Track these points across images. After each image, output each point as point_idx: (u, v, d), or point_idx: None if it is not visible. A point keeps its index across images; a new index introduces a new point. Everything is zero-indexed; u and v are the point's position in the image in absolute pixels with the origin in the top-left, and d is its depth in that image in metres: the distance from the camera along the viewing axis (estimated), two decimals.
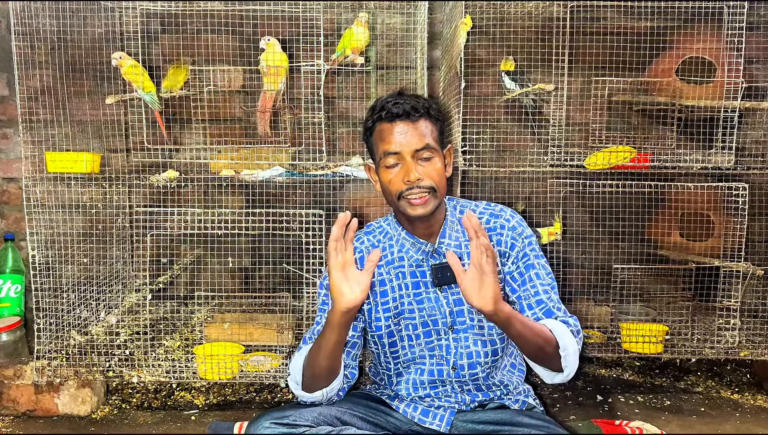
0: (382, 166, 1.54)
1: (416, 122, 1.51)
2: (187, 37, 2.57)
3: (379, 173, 1.56)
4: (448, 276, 1.54)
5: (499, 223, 1.60)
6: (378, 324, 1.61)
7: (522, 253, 1.58)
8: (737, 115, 2.29)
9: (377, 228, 1.68)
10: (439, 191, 1.52)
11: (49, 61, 2.39)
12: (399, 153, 1.50)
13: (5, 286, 2.49)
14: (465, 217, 1.33)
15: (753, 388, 2.46)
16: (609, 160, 2.30)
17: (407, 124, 1.51)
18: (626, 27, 2.64)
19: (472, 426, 1.56)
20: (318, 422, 1.47)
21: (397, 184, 1.51)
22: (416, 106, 1.51)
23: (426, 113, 1.53)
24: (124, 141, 2.64)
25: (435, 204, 1.52)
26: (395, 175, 1.51)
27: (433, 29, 2.63)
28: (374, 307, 1.61)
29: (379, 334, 1.61)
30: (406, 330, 1.60)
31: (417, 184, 1.49)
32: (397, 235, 1.62)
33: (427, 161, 1.51)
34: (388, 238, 1.64)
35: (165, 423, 2.14)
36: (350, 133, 2.77)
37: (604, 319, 2.46)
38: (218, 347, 2.21)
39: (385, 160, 1.52)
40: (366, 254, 1.61)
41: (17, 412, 2.19)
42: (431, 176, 1.50)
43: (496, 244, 1.58)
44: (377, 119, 1.54)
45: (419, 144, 1.50)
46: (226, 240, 2.68)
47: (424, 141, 1.50)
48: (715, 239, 2.55)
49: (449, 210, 1.62)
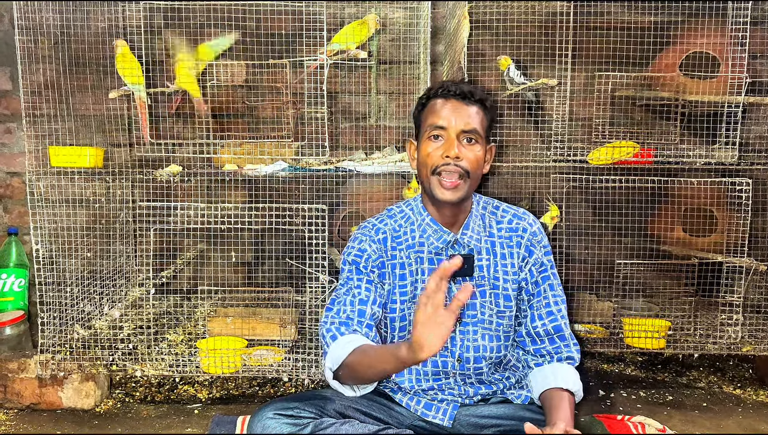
0: (424, 138, 1.55)
1: (469, 105, 1.53)
2: (191, 32, 2.57)
3: (420, 145, 1.57)
4: (465, 269, 1.54)
5: (521, 226, 1.62)
6: (393, 306, 1.61)
7: (539, 263, 1.61)
8: (741, 111, 2.28)
9: (399, 212, 1.68)
10: (472, 179, 1.54)
11: (53, 55, 2.40)
12: (446, 128, 1.52)
13: (9, 280, 2.50)
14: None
15: (755, 383, 2.46)
16: (612, 156, 2.30)
17: (461, 103, 1.53)
18: (629, 22, 2.64)
19: (475, 420, 1.57)
20: (321, 415, 1.47)
21: (435, 157, 1.52)
22: (473, 91, 1.54)
23: (481, 101, 1.55)
24: (127, 135, 2.64)
25: (464, 191, 1.53)
26: (435, 149, 1.53)
27: (435, 24, 2.62)
28: (392, 289, 1.61)
29: (392, 317, 1.62)
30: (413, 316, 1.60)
31: (455, 162, 1.50)
32: (421, 220, 1.62)
33: (470, 144, 1.53)
34: (410, 222, 1.64)
35: (168, 417, 2.15)
36: (353, 128, 2.77)
37: (607, 314, 2.46)
38: (221, 341, 2.22)
39: (431, 131, 1.53)
40: (389, 237, 1.62)
41: (21, 405, 2.20)
42: (469, 159, 1.51)
43: (515, 245, 1.60)
44: (433, 95, 1.57)
45: (467, 125, 1.51)
46: (229, 234, 2.69)
47: (471, 124, 1.52)
48: (718, 235, 2.55)
49: (474, 204, 1.64)
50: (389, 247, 1.62)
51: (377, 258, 1.61)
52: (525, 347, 1.61)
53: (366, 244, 1.62)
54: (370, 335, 1.54)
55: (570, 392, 1.50)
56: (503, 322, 1.59)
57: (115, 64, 2.30)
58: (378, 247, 1.62)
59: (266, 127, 2.75)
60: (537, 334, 1.58)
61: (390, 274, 1.61)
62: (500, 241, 1.61)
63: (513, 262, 1.60)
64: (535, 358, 1.60)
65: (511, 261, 1.60)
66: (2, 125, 2.75)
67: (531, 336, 1.59)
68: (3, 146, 2.76)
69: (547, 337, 1.58)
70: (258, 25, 2.55)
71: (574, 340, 1.60)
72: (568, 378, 1.53)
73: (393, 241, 1.63)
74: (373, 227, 1.65)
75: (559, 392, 1.49)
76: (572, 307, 2.47)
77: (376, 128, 2.77)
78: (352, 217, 2.62)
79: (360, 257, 1.61)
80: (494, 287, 1.59)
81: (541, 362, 1.58)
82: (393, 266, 1.61)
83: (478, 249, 1.59)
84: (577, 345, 1.60)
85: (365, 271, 1.60)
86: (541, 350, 1.59)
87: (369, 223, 1.67)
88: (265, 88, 2.75)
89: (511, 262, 1.60)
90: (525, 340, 1.60)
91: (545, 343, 1.58)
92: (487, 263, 1.59)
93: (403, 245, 1.62)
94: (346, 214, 2.67)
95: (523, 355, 1.64)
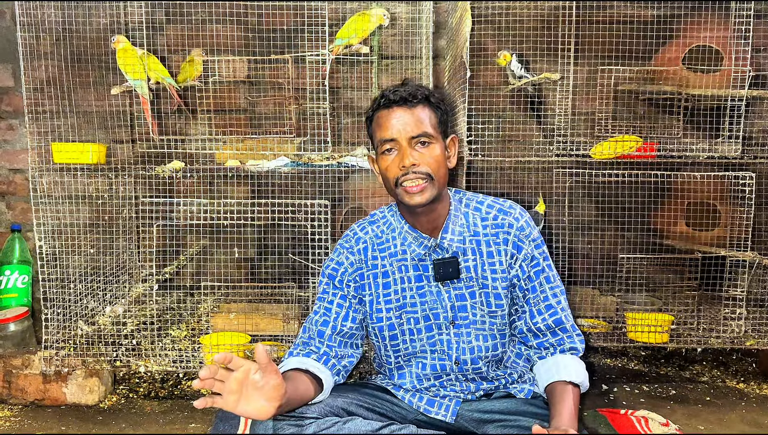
0: (380, 154, 1.53)
1: (413, 108, 1.49)
2: (192, 28, 2.56)
3: (378, 161, 1.55)
4: (450, 271, 1.54)
5: (507, 222, 1.58)
6: (379, 316, 1.60)
7: (530, 257, 1.57)
8: (744, 104, 2.28)
9: (381, 218, 1.66)
10: (437, 179, 1.50)
11: (55, 52, 2.39)
12: (395, 139, 1.49)
13: (12, 276, 2.51)
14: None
15: (759, 377, 2.46)
16: (615, 150, 2.29)
17: (404, 110, 1.49)
18: (632, 15, 2.63)
19: (478, 415, 1.56)
20: (324, 413, 1.47)
21: (393, 170, 1.50)
22: (414, 92, 1.50)
23: (424, 99, 1.51)
24: (130, 132, 2.65)
25: (432, 192, 1.49)
26: (392, 162, 1.50)
27: (437, 18, 2.62)
28: (376, 298, 1.60)
29: (380, 326, 1.61)
30: (408, 324, 1.59)
31: (412, 170, 1.47)
32: (400, 228, 1.61)
33: (424, 147, 1.49)
34: (391, 229, 1.62)
35: (172, 412, 2.16)
36: (355, 123, 2.76)
37: (610, 308, 2.46)
38: (224, 337, 2.22)
39: (383, 146, 1.51)
40: (370, 246, 1.61)
41: (25, 401, 2.20)
42: (428, 162, 1.48)
43: (502, 242, 1.57)
44: (376, 107, 1.53)
45: (415, 130, 1.48)
46: (231, 230, 2.69)
47: (421, 127, 1.48)
48: (721, 229, 2.55)
49: (453, 203, 1.60)
50: (369, 256, 1.61)
51: (354, 271, 1.61)
52: (527, 343, 1.60)
53: (344, 256, 1.62)
54: (333, 352, 1.56)
55: (574, 384, 1.50)
56: (496, 321, 1.58)
57: (117, 60, 2.30)
58: (357, 258, 1.61)
59: (268, 123, 2.75)
60: (538, 329, 1.57)
61: (372, 284, 1.59)
62: (486, 239, 1.57)
63: (501, 259, 1.57)
64: (539, 352, 1.59)
65: (498, 259, 1.57)
66: (5, 122, 2.75)
67: (532, 332, 1.58)
68: (6, 143, 2.76)
69: (548, 331, 1.57)
70: (260, 21, 2.55)
71: (577, 330, 1.58)
72: (572, 369, 1.51)
73: (374, 250, 1.61)
74: (354, 236, 1.64)
75: (563, 385, 1.49)
76: (575, 301, 2.47)
77: None
78: (355, 213, 2.62)
79: (336, 271, 1.61)
80: (483, 287, 1.57)
81: (544, 355, 1.58)
82: (375, 276, 1.58)
83: (463, 250, 1.56)
84: (580, 335, 1.58)
85: (340, 286, 1.61)
86: (544, 343, 1.58)
87: (352, 230, 1.66)
88: (267, 83, 2.75)
89: (499, 259, 1.57)
90: (527, 336, 1.59)
91: (548, 337, 1.57)
92: (474, 263, 1.56)
93: (385, 253, 1.61)
94: (349, 209, 2.67)
95: (525, 350, 1.63)
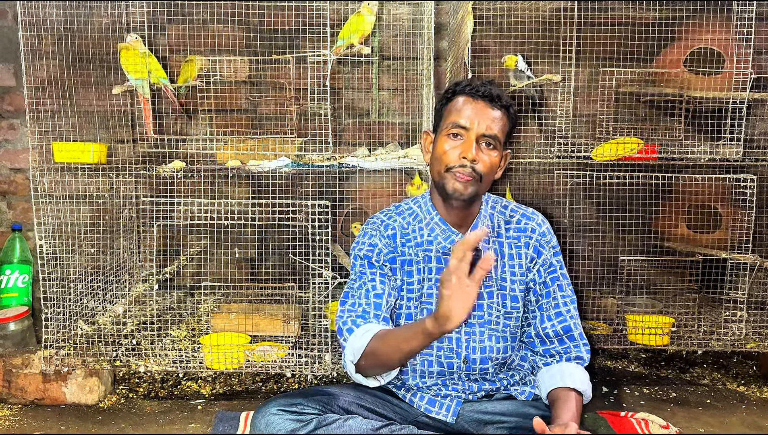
0: (443, 134, 1.52)
1: (494, 109, 1.50)
2: (194, 28, 2.57)
3: (437, 140, 1.54)
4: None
5: (530, 227, 1.61)
6: (401, 302, 1.61)
7: (548, 263, 1.60)
8: (746, 107, 2.27)
9: (407, 209, 1.67)
10: (484, 183, 1.52)
11: (56, 51, 2.40)
12: (467, 129, 1.49)
13: (13, 275, 2.51)
14: None
15: (759, 380, 2.46)
16: (616, 152, 2.29)
17: (486, 106, 1.50)
18: (634, 18, 2.63)
19: (479, 416, 1.56)
20: (325, 411, 1.47)
21: (452, 156, 1.50)
22: (501, 95, 1.51)
23: (506, 107, 1.52)
24: (131, 131, 2.65)
25: (475, 191, 1.51)
26: (453, 148, 1.50)
27: (439, 19, 2.62)
28: (401, 285, 1.61)
29: (398, 314, 1.62)
30: (422, 314, 1.60)
31: (472, 165, 1.48)
32: (429, 219, 1.61)
33: (488, 148, 1.50)
34: (418, 220, 1.63)
35: (172, 412, 2.16)
36: (356, 124, 2.76)
37: (610, 310, 2.46)
38: (224, 337, 2.22)
39: (452, 129, 1.51)
40: (399, 233, 1.61)
41: (25, 401, 2.20)
42: (485, 164, 1.50)
43: (524, 246, 1.59)
44: (460, 91, 1.53)
45: (489, 130, 1.49)
46: (232, 230, 2.69)
47: (493, 129, 1.49)
48: (723, 231, 2.55)
49: (483, 204, 1.63)
50: (399, 243, 1.61)
51: (388, 253, 1.60)
52: (534, 348, 1.60)
53: (376, 238, 1.61)
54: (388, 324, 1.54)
55: (577, 392, 1.50)
56: (510, 323, 1.59)
57: (120, 59, 2.29)
58: (388, 242, 1.61)
59: (269, 124, 2.75)
60: (546, 335, 1.58)
61: (400, 270, 1.60)
62: (508, 242, 1.60)
63: (521, 262, 1.59)
64: (544, 358, 1.59)
65: (519, 262, 1.59)
66: (6, 121, 2.75)
67: (540, 337, 1.58)
68: (7, 142, 2.76)
69: (556, 338, 1.57)
70: (261, 21, 2.55)
71: (584, 340, 1.59)
72: (576, 377, 1.52)
73: (402, 238, 1.62)
74: (382, 223, 1.64)
75: (566, 391, 1.49)
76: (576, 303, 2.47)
77: (379, 124, 2.77)
78: (356, 214, 2.62)
79: (372, 252, 1.60)
80: (501, 288, 1.58)
81: (549, 362, 1.58)
82: (403, 263, 1.60)
83: (486, 250, 1.58)
84: (587, 345, 1.59)
85: (377, 265, 1.59)
86: (551, 350, 1.58)
87: (377, 217, 1.66)
88: (268, 84, 2.75)
89: (519, 262, 1.59)
90: (534, 341, 1.60)
91: (554, 344, 1.58)
92: (495, 264, 1.58)
93: (411, 243, 1.61)
94: (350, 210, 2.67)
95: (531, 356, 1.63)
